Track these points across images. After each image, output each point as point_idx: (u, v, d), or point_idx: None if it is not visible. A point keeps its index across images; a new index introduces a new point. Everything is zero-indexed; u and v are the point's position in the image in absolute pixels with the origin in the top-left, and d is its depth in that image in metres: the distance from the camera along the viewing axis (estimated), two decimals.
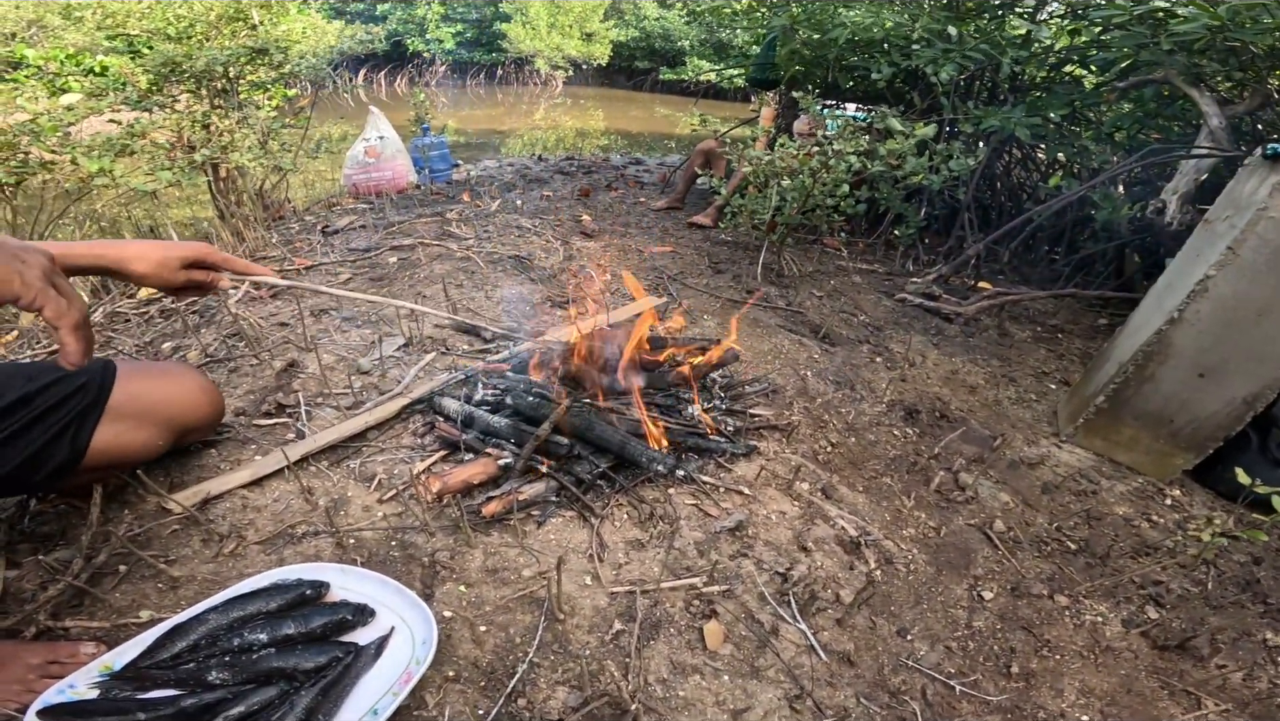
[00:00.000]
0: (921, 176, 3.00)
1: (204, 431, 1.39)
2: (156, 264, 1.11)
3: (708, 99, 15.73)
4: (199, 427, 1.34)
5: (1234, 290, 1.70)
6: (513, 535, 1.37)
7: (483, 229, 3.35)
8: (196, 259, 1.16)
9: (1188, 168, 2.72)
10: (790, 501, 1.59)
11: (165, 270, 1.12)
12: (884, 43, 3.83)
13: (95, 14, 3.93)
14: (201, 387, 1.32)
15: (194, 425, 1.32)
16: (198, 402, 1.31)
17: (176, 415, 1.27)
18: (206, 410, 1.33)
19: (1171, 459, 1.93)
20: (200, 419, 1.32)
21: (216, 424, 1.41)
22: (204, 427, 1.36)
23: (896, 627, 1.33)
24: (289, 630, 1.06)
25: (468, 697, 1.06)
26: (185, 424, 1.29)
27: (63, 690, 0.94)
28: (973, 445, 2.00)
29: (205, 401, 1.32)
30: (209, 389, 1.34)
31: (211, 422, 1.37)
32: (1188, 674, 1.33)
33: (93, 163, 2.70)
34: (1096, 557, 1.63)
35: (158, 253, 1.12)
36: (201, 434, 1.39)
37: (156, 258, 1.11)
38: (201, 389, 1.32)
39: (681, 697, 1.10)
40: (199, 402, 1.31)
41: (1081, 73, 3.89)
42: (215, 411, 1.36)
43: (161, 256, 1.12)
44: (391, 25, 18.07)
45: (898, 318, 2.84)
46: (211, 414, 1.35)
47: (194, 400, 1.30)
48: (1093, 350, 2.76)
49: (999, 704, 1.21)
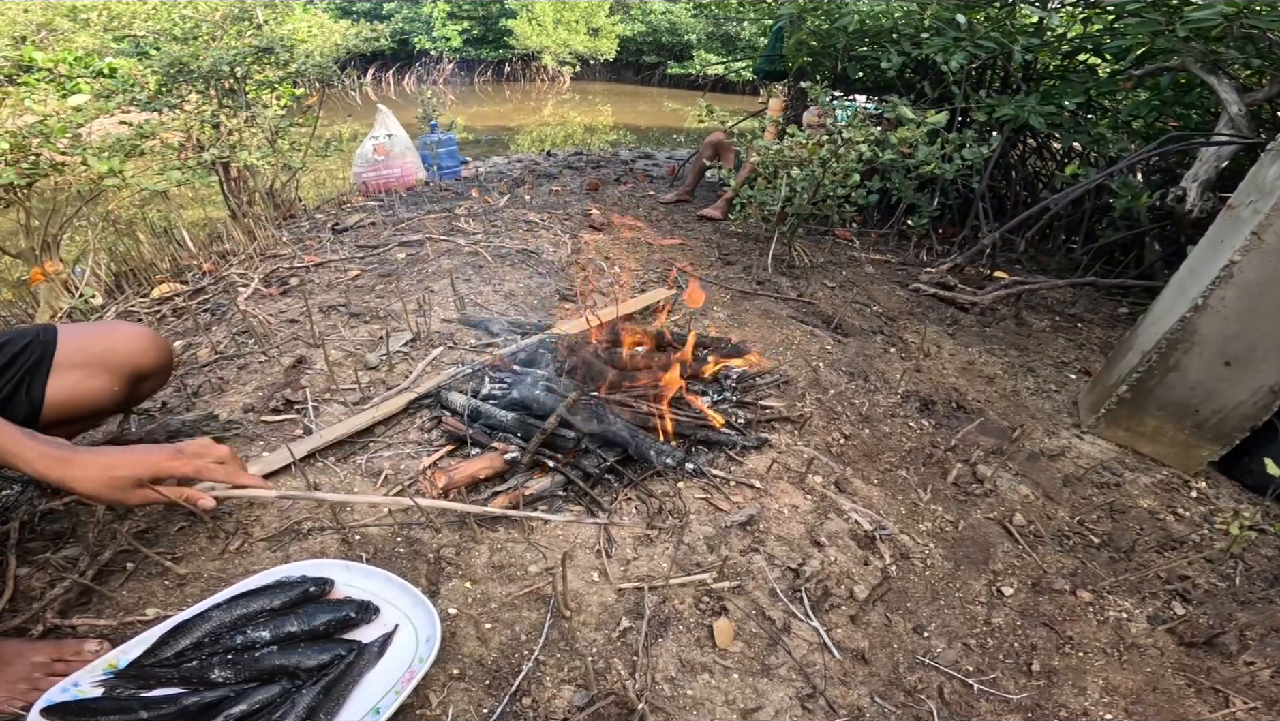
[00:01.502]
0: (934, 165, 2.95)
1: (158, 378, 1.39)
2: (102, 483, 0.94)
3: (716, 92, 15.64)
4: (151, 372, 1.34)
5: (1260, 276, 1.65)
6: (519, 530, 1.35)
7: (491, 224, 3.34)
8: (153, 476, 0.98)
9: (1208, 155, 2.65)
10: (803, 495, 1.56)
11: (113, 490, 0.95)
12: (893, 32, 3.78)
13: (101, 16, 3.94)
14: (146, 335, 1.33)
15: (145, 369, 1.32)
16: (144, 347, 1.31)
17: (125, 360, 1.28)
18: (154, 354, 1.33)
19: (1197, 450, 1.88)
20: (150, 362, 1.32)
21: (168, 370, 1.41)
22: (156, 372, 1.36)
23: (912, 624, 1.30)
24: (292, 627, 1.05)
25: (472, 696, 1.04)
26: (136, 368, 1.30)
27: (67, 688, 0.93)
28: (991, 436, 1.96)
29: (151, 345, 1.33)
30: (154, 336, 1.35)
31: (162, 366, 1.37)
32: (1215, 671, 1.29)
33: (103, 163, 2.71)
34: (1120, 552, 1.58)
35: (101, 472, 0.95)
36: (156, 380, 1.39)
37: (100, 477, 0.94)
38: (146, 335, 1.33)
39: (690, 696, 1.07)
40: (145, 347, 1.31)
41: (1096, 61, 3.81)
42: (163, 355, 1.36)
43: (106, 476, 0.95)
44: (398, 23, 18.09)
45: (912, 308, 2.80)
46: (160, 357, 1.35)
47: (140, 345, 1.30)
48: (1113, 339, 2.71)
49: (1019, 702, 1.18)
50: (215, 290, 2.64)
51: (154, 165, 3.20)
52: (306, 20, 5.52)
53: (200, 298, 2.58)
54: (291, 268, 2.72)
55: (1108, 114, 3.68)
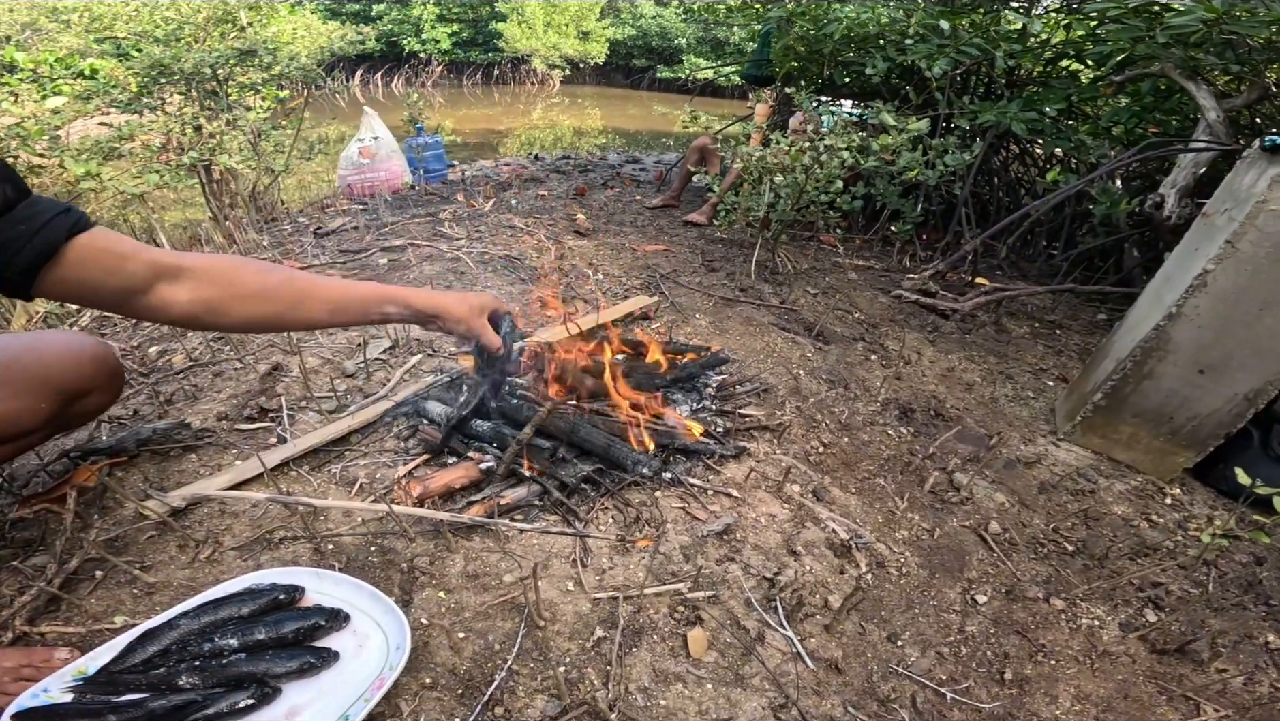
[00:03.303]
0: (917, 171, 2.97)
1: (101, 395, 1.30)
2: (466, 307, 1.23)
3: (705, 96, 15.69)
4: (90, 390, 1.25)
5: (1234, 284, 1.66)
6: (494, 540, 1.35)
7: (475, 229, 3.33)
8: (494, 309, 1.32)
9: (1186, 161, 2.68)
10: (780, 504, 1.56)
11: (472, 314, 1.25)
12: (879, 38, 3.80)
13: (82, 17, 3.91)
14: (86, 349, 1.24)
15: (82, 388, 1.23)
16: (80, 364, 1.22)
17: (57, 379, 1.19)
18: (91, 370, 1.24)
19: (1172, 457, 1.90)
20: (87, 381, 1.23)
21: (114, 387, 1.32)
22: (97, 390, 1.27)
23: (887, 633, 1.30)
24: (260, 635, 1.04)
25: (444, 705, 1.03)
26: (71, 388, 1.21)
27: (36, 694, 0.93)
28: (968, 444, 1.97)
29: (89, 362, 1.24)
30: (95, 348, 1.26)
31: (103, 385, 1.28)
32: (1187, 678, 1.30)
33: (79, 166, 2.69)
34: (1094, 559, 1.59)
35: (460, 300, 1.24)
36: (100, 397, 1.30)
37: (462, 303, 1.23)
38: (86, 350, 1.24)
39: (663, 706, 1.07)
40: (81, 364, 1.22)
41: (1078, 67, 3.85)
42: (104, 372, 1.27)
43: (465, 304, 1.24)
44: (386, 25, 18.02)
45: (893, 314, 2.81)
46: (99, 375, 1.26)
47: (75, 360, 1.22)
48: (1091, 346, 2.73)
49: (991, 711, 1.18)
50: None
51: (134, 167, 3.17)
52: (293, 21, 5.49)
53: None
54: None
55: (1089, 120, 3.71)
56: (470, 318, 1.23)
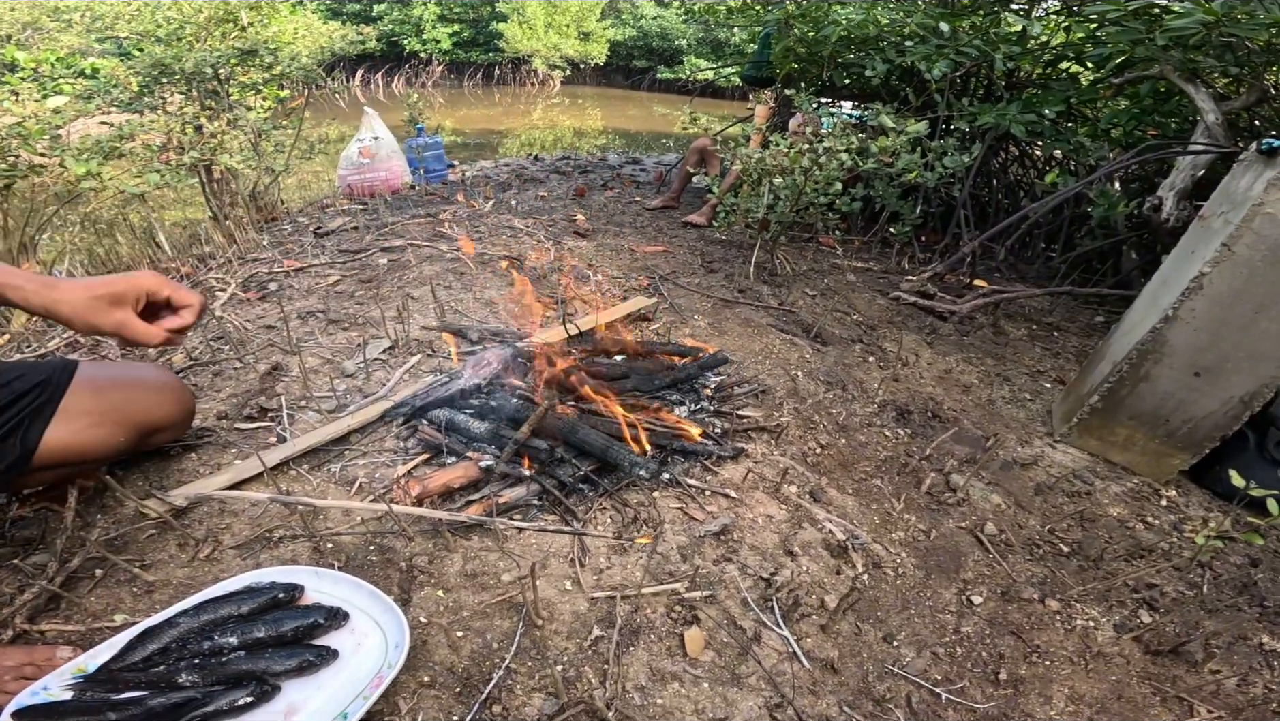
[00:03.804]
0: (915, 173, 2.98)
1: (174, 431, 1.34)
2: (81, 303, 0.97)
3: (705, 97, 15.69)
4: (165, 427, 1.29)
5: (1230, 287, 1.67)
6: (493, 539, 1.35)
7: (475, 229, 3.33)
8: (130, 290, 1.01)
9: (1184, 164, 2.69)
10: (777, 505, 1.57)
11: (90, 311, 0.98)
12: (878, 39, 3.81)
13: (84, 16, 3.91)
14: (169, 387, 1.29)
15: (159, 425, 1.27)
16: (162, 401, 1.26)
17: (138, 414, 1.22)
18: (172, 409, 1.28)
19: (1168, 459, 1.91)
20: (165, 418, 1.27)
21: (186, 424, 1.36)
22: (171, 427, 1.32)
23: (882, 633, 1.31)
24: (259, 633, 1.05)
25: (442, 703, 1.04)
26: (149, 423, 1.25)
27: (36, 692, 0.94)
28: (965, 446, 1.97)
29: (171, 400, 1.28)
30: (177, 389, 1.30)
31: (178, 422, 1.32)
32: (1181, 679, 1.31)
33: (80, 165, 2.69)
34: (1089, 560, 1.60)
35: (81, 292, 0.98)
36: (171, 434, 1.35)
37: (80, 297, 0.98)
38: (169, 388, 1.28)
39: (660, 705, 1.08)
40: (163, 401, 1.26)
41: (1077, 69, 3.86)
42: (182, 411, 1.32)
43: (85, 295, 0.98)
44: (387, 25, 18.02)
45: (892, 316, 2.82)
46: (178, 413, 1.30)
47: (158, 399, 1.25)
48: (1089, 348, 2.74)
49: (986, 711, 1.19)
50: None
51: (134, 167, 3.18)
52: (294, 21, 5.49)
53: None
54: (271, 272, 2.71)
55: (1088, 122, 3.72)
56: (89, 314, 0.99)
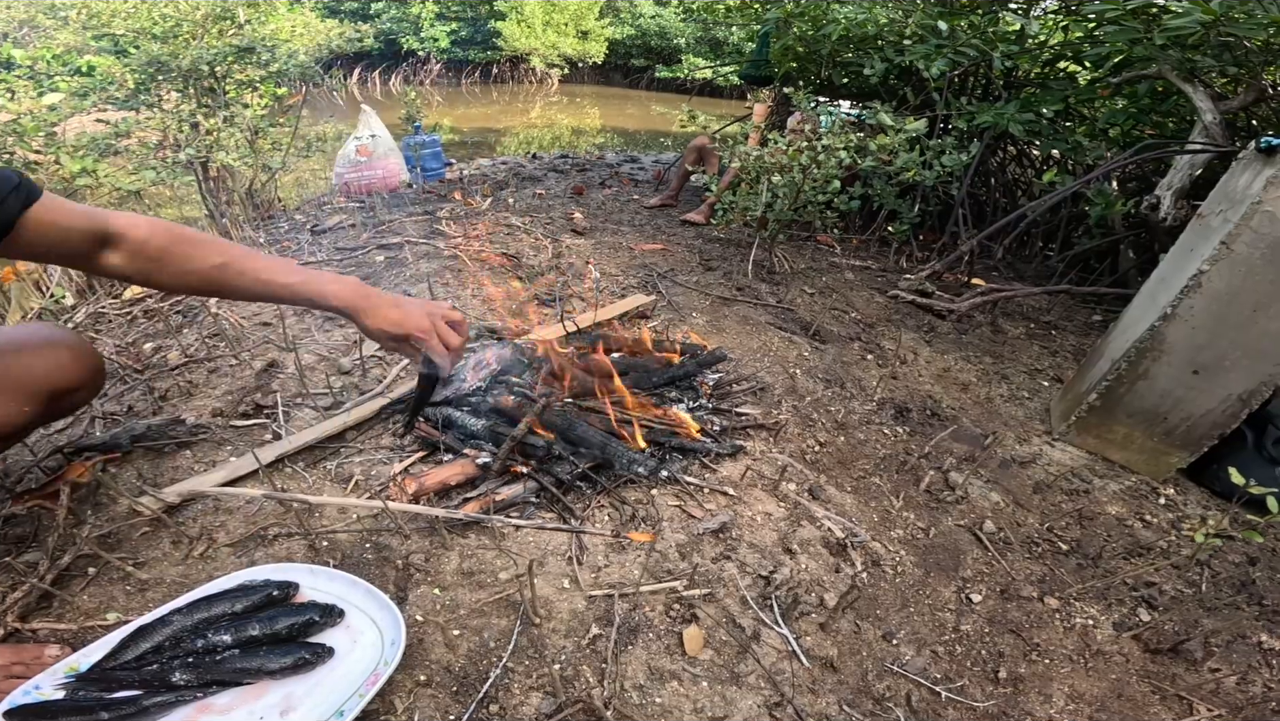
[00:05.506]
0: (914, 172, 2.97)
1: (86, 392, 1.27)
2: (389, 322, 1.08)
3: (704, 96, 15.67)
4: (73, 389, 1.22)
5: (1228, 285, 1.67)
6: (490, 537, 1.35)
7: (472, 227, 3.32)
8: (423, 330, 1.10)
9: (1182, 163, 2.69)
10: (776, 502, 1.56)
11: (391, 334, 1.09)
12: (877, 39, 3.81)
13: (80, 14, 3.89)
14: (67, 344, 1.22)
15: (65, 387, 1.20)
16: (63, 363, 1.19)
17: (39, 379, 1.16)
18: (75, 369, 1.21)
19: (1166, 457, 1.90)
20: (71, 379, 1.20)
21: (97, 382, 1.29)
22: (81, 388, 1.24)
23: (882, 632, 1.30)
24: (254, 631, 1.04)
25: (439, 702, 1.03)
26: (53, 387, 1.18)
27: (28, 691, 0.93)
28: (964, 444, 1.97)
29: (73, 358, 1.21)
30: (77, 347, 1.23)
31: (87, 383, 1.25)
32: (1180, 677, 1.30)
33: (75, 162, 2.68)
34: (1088, 558, 1.60)
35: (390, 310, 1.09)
36: (85, 395, 1.27)
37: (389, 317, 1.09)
38: (67, 345, 1.21)
39: (658, 704, 1.07)
40: (64, 362, 1.19)
41: (1075, 68, 3.86)
42: (88, 368, 1.24)
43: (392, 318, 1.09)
44: (385, 23, 17.96)
45: (890, 314, 2.81)
46: (83, 371, 1.22)
47: (58, 359, 1.19)
48: (1087, 346, 2.73)
49: (985, 709, 1.18)
50: None
51: (130, 164, 3.16)
52: (291, 19, 5.47)
53: (173, 299, 2.54)
54: None
55: (1086, 121, 3.72)
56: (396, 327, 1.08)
